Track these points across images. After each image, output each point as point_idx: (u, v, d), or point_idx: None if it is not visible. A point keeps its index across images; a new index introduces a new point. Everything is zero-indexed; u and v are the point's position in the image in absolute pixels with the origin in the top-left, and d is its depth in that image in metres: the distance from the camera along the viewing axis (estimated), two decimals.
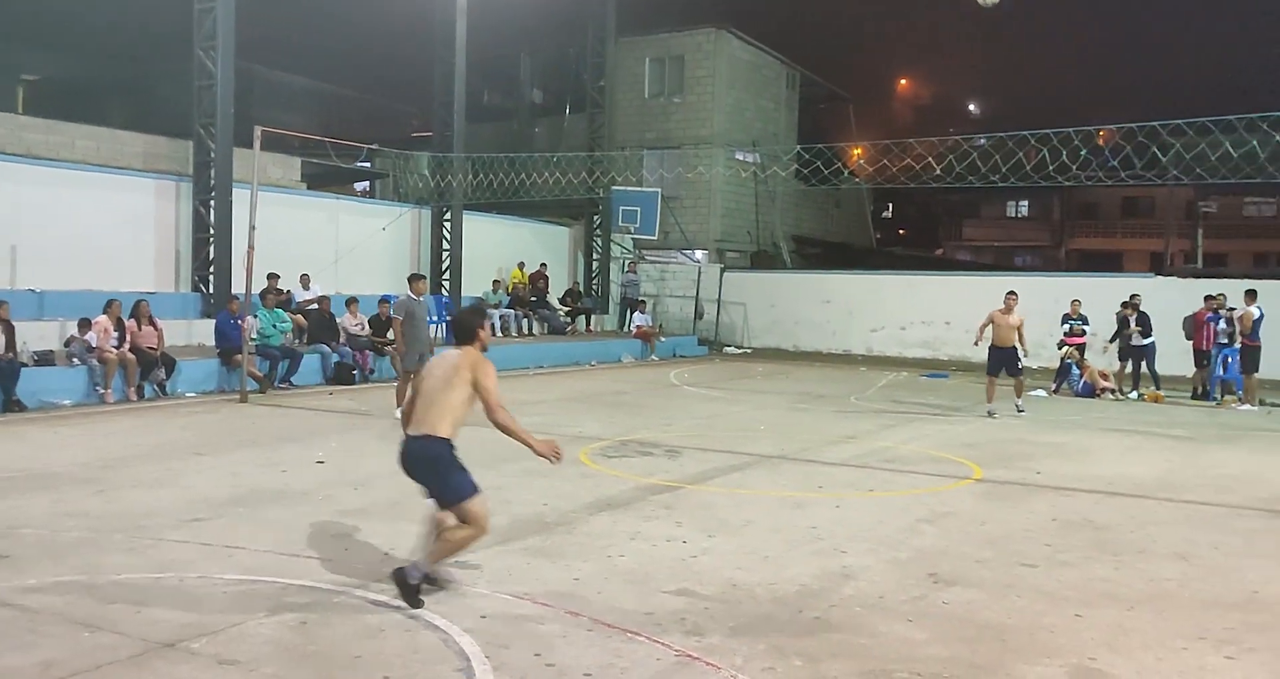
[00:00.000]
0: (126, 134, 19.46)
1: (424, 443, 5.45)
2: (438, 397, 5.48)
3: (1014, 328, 14.33)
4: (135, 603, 5.27)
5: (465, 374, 5.47)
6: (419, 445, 5.47)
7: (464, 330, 5.77)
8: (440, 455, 5.45)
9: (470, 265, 22.55)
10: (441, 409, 5.46)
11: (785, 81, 33.45)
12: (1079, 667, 4.75)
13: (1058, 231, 58.06)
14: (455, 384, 5.46)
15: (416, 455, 5.48)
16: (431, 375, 5.61)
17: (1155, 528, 7.67)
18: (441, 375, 5.53)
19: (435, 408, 5.47)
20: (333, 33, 28.08)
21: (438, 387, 5.50)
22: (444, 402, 5.46)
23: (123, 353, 13.40)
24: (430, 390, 5.54)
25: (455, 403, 5.47)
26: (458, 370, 5.48)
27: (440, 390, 5.49)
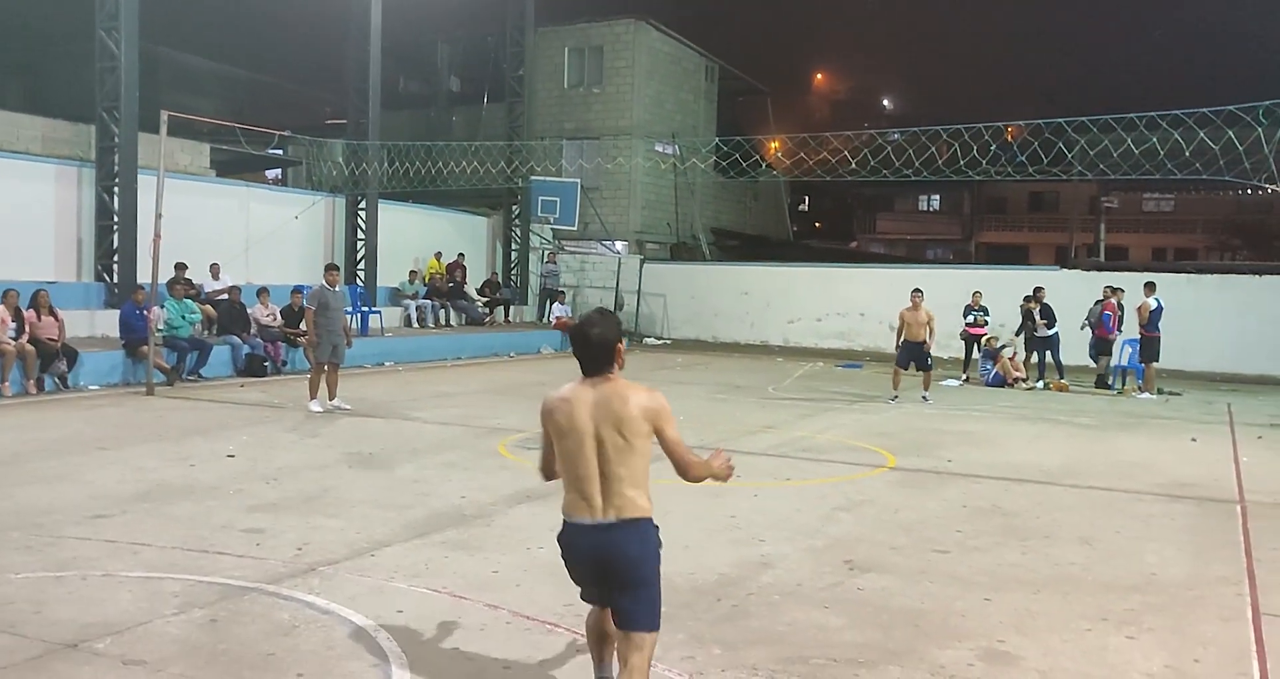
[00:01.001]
0: (23, 117, 18.72)
1: (633, 533, 3.77)
2: (630, 458, 3.76)
3: (923, 324, 14.86)
4: (34, 603, 5.08)
5: (641, 425, 3.76)
6: (627, 540, 3.76)
7: (602, 351, 3.83)
8: (654, 552, 3.86)
9: (386, 255, 22.23)
10: (636, 476, 3.78)
11: (704, 74, 33.59)
12: (989, 649, 4.88)
13: (968, 225, 59.45)
14: (636, 443, 3.76)
15: (630, 557, 3.76)
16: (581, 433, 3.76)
17: (1060, 514, 7.91)
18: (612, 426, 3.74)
19: (631, 478, 3.77)
20: (243, 15, 27.39)
21: (623, 445, 3.75)
22: (635, 467, 3.78)
23: (21, 344, 12.88)
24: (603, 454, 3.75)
25: (645, 464, 3.82)
26: (629, 422, 3.74)
27: (627, 452, 3.75)
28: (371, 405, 12.85)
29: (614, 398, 3.75)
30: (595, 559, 3.79)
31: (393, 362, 18.59)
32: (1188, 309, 19.76)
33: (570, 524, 3.83)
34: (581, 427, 3.76)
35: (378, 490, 8.03)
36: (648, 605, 3.82)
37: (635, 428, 3.74)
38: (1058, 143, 15.89)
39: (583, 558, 3.82)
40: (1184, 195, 52.42)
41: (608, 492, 3.75)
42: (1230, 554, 6.82)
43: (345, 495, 7.82)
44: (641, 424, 3.75)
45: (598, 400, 3.77)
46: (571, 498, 3.82)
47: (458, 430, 11.23)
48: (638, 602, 3.80)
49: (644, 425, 3.76)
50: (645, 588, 3.81)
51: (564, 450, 3.81)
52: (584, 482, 3.76)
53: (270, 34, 29.70)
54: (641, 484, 3.79)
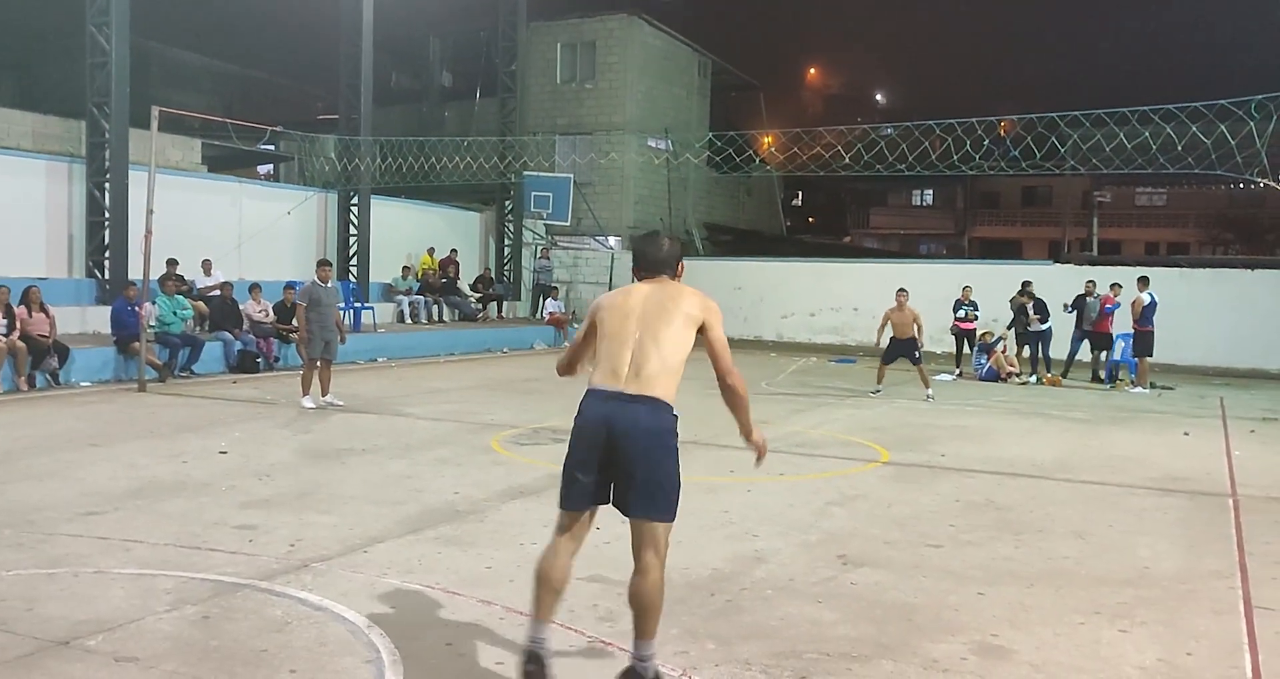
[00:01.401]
0: (13, 112, 18.65)
1: (650, 408, 3.67)
2: (662, 340, 3.69)
3: (910, 323, 14.96)
4: (26, 600, 5.06)
5: (696, 312, 3.77)
6: (643, 411, 3.66)
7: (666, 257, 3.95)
8: (669, 432, 3.76)
9: (379, 251, 22.19)
10: (666, 360, 3.70)
11: (697, 69, 33.55)
12: (982, 644, 4.88)
13: (961, 220, 59.56)
14: (680, 326, 3.72)
15: (641, 427, 3.66)
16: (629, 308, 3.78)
17: (1054, 508, 7.92)
18: (657, 309, 3.75)
19: (659, 358, 3.69)
20: (235, 10, 27.27)
21: (658, 325, 3.70)
22: (670, 350, 3.69)
23: (12, 341, 12.83)
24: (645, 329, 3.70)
25: (681, 354, 3.76)
26: (681, 307, 3.74)
27: (663, 331, 3.69)
28: (364, 401, 12.82)
29: (671, 289, 3.85)
30: (607, 427, 3.66)
31: (386, 357, 18.56)
32: (1180, 303, 19.83)
33: (590, 391, 3.76)
34: (632, 306, 3.80)
35: (370, 486, 8.01)
36: (661, 490, 3.69)
37: (684, 314, 3.74)
38: (1050, 137, 15.92)
39: (595, 424, 3.70)
40: (1176, 190, 52.57)
41: (637, 367, 3.70)
42: (1223, 548, 6.84)
43: (338, 491, 7.80)
44: (692, 311, 3.77)
45: (654, 290, 3.86)
46: (600, 371, 3.78)
47: (451, 426, 11.21)
48: (649, 483, 3.67)
49: (694, 313, 3.77)
50: (658, 467, 3.69)
51: (607, 327, 3.81)
52: (617, 354, 3.73)
53: (262, 29, 29.59)
54: (673, 373, 3.74)
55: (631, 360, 3.70)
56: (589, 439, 3.73)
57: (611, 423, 3.66)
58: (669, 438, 3.74)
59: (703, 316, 3.78)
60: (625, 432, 3.65)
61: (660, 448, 3.72)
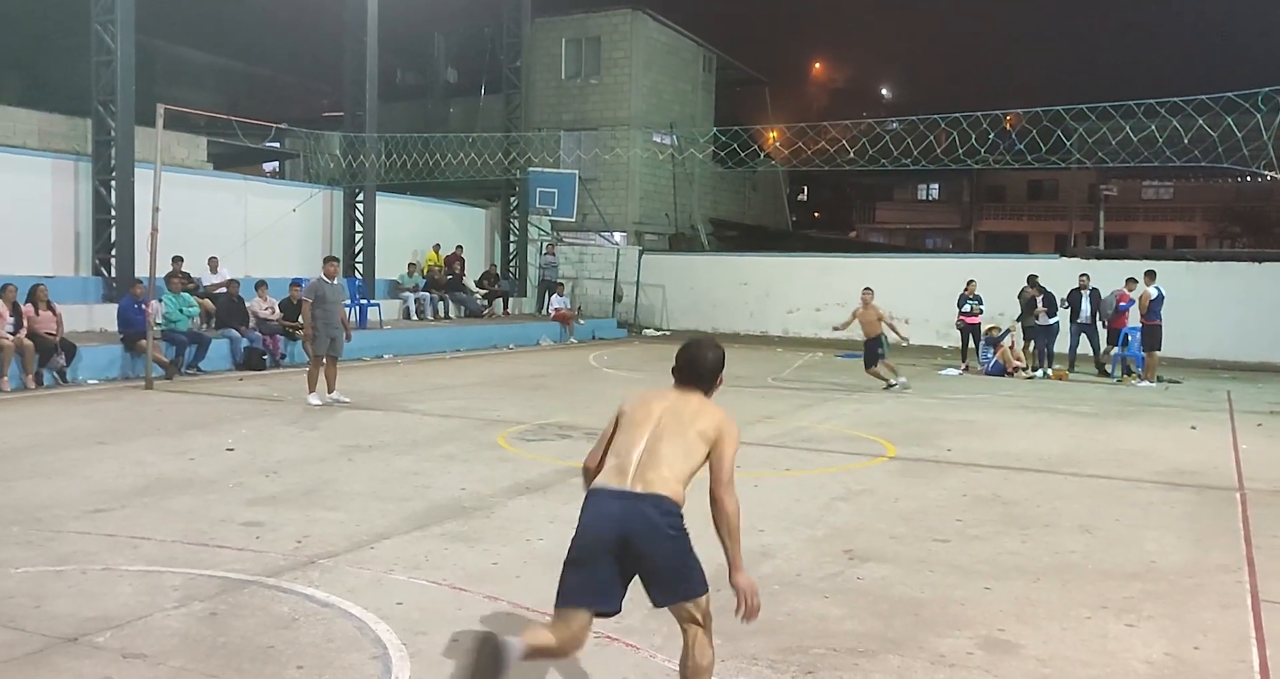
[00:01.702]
0: (19, 111, 18.69)
1: (655, 502, 3.65)
2: (679, 448, 3.74)
3: (876, 320, 15.15)
4: (34, 597, 5.08)
5: (710, 432, 3.78)
6: (649, 506, 3.63)
7: (706, 371, 3.99)
8: (678, 528, 3.72)
9: (384, 247, 22.20)
10: (676, 466, 3.72)
11: (702, 64, 33.51)
12: (989, 638, 4.88)
13: (967, 214, 59.42)
14: (694, 440, 3.76)
15: (651, 521, 3.62)
16: (649, 411, 3.84)
17: (1060, 502, 7.91)
18: (674, 418, 3.80)
19: (672, 465, 3.71)
20: (240, 8, 27.25)
21: (673, 435, 3.76)
22: (682, 459, 3.73)
23: (19, 339, 12.86)
24: (659, 434, 3.76)
25: (689, 467, 3.77)
26: (699, 423, 3.79)
27: (679, 442, 3.75)
28: (370, 398, 12.84)
29: (696, 404, 3.84)
30: (619, 526, 3.62)
31: (391, 354, 18.58)
32: (1187, 297, 19.75)
33: (596, 491, 3.73)
34: (652, 409, 3.82)
35: (377, 483, 8.02)
36: (689, 571, 3.72)
37: (701, 426, 3.74)
38: (1056, 131, 15.87)
39: (605, 524, 3.63)
40: (1183, 183, 52.38)
41: (646, 466, 3.68)
42: (1230, 541, 6.82)
43: (344, 488, 7.81)
44: (708, 427, 3.76)
45: (680, 398, 3.86)
46: (607, 470, 3.76)
47: (457, 422, 11.22)
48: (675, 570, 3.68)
49: (710, 430, 3.75)
50: (677, 553, 3.68)
51: (624, 426, 3.82)
52: (627, 453, 3.72)
53: (266, 26, 29.57)
54: (680, 481, 3.71)
55: (640, 461, 3.70)
56: (598, 538, 3.66)
57: (622, 521, 3.62)
58: (678, 524, 3.71)
59: (715, 436, 3.77)
60: (637, 529, 3.62)
61: (672, 533, 3.68)
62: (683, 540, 3.72)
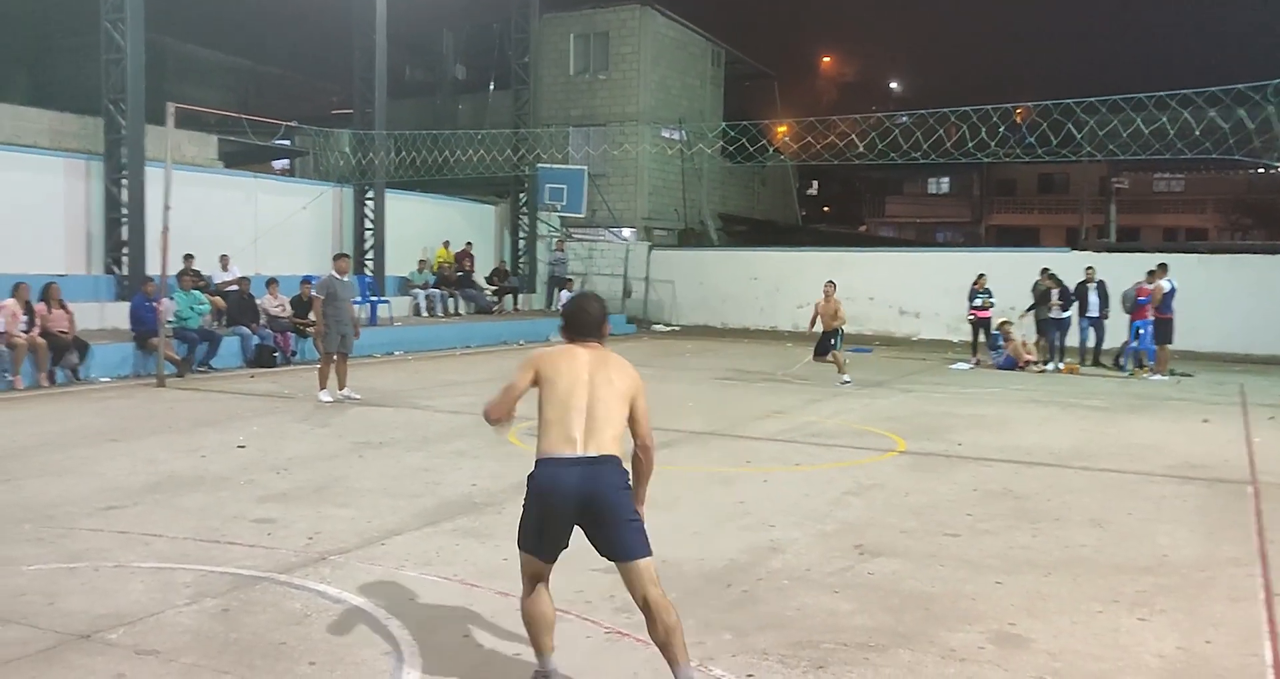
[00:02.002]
0: (31, 110, 18.77)
1: (612, 467, 3.95)
2: (613, 408, 4.03)
3: (834, 314, 15.27)
4: (47, 594, 5.11)
5: (629, 390, 4.10)
6: (605, 471, 3.93)
7: (595, 321, 4.26)
8: (629, 488, 4.02)
9: (394, 244, 22.24)
10: (616, 427, 4.03)
11: (710, 59, 33.45)
12: (1000, 632, 4.87)
13: (977, 208, 59.25)
14: (621, 400, 4.06)
15: (604, 484, 3.91)
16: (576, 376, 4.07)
17: (1071, 496, 7.88)
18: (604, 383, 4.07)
19: (612, 424, 4.01)
20: (249, 6, 27.32)
21: (606, 395, 4.04)
22: (617, 418, 4.04)
23: (32, 337, 12.94)
24: (594, 397, 4.03)
25: (623, 425, 4.07)
26: (619, 383, 4.09)
27: (613, 402, 4.04)
28: (381, 395, 12.87)
29: (609, 359, 4.15)
30: (580, 492, 3.88)
31: (402, 351, 18.62)
32: (1199, 290, 19.67)
33: (550, 460, 3.96)
34: (579, 373, 4.07)
35: (388, 479, 8.05)
36: (639, 532, 3.98)
37: (622, 386, 4.08)
38: (1067, 124, 15.79)
39: (567, 492, 3.89)
40: (1195, 175, 52.15)
41: (592, 430, 3.96)
42: (1242, 535, 6.79)
43: (355, 484, 7.84)
44: (627, 386, 4.10)
45: (594, 358, 4.14)
46: (553, 437, 3.99)
47: (467, 419, 11.23)
48: (630, 529, 3.94)
49: (628, 389, 4.10)
50: (630, 516, 3.96)
51: (555, 393, 4.06)
52: (571, 422, 3.98)
53: (275, 24, 29.64)
54: (620, 438, 4.02)
55: (586, 427, 3.96)
56: (561, 505, 3.92)
57: (583, 486, 3.89)
58: (627, 480, 4.03)
59: (633, 392, 4.12)
60: (596, 492, 3.89)
61: (629, 501, 3.99)
62: (630, 495, 4.02)
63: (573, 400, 4.01)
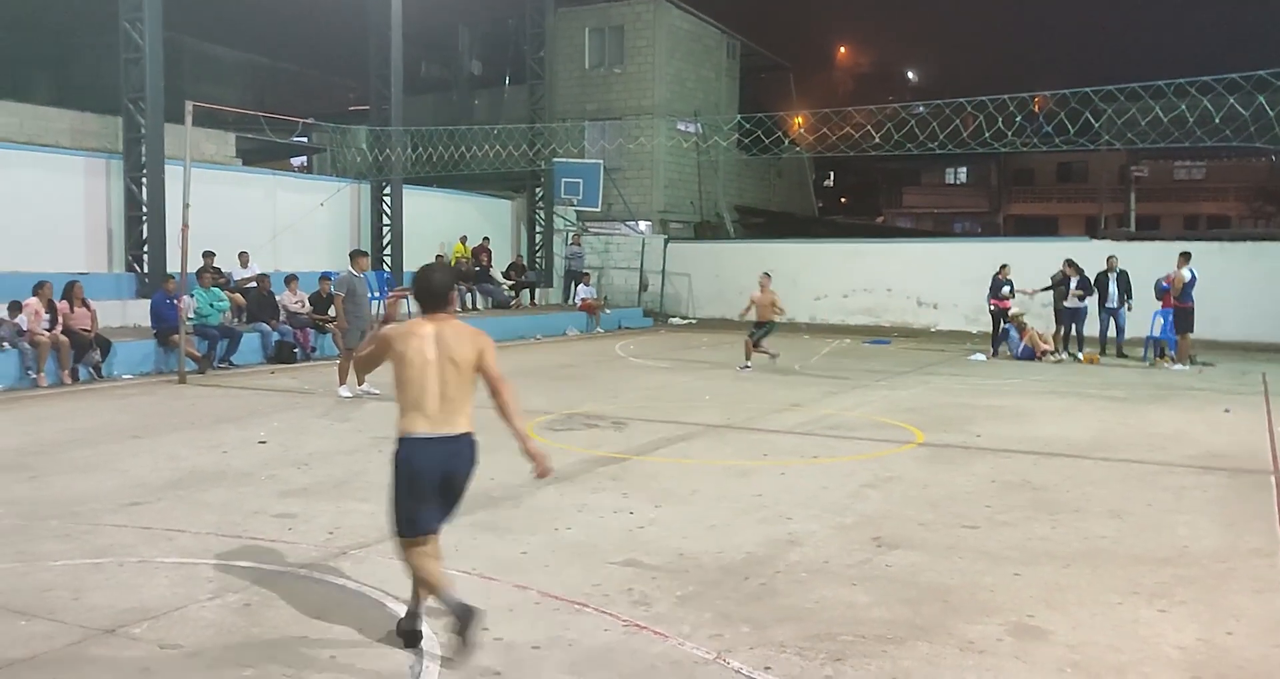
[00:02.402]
0: (51, 110, 18.90)
1: (469, 444, 4.46)
2: (461, 383, 4.44)
3: (769, 305, 15.81)
4: (73, 589, 5.17)
5: (473, 355, 4.46)
6: (465, 449, 4.45)
7: (440, 290, 4.57)
8: (477, 462, 4.55)
9: (412, 240, 22.29)
10: (466, 400, 4.48)
11: (725, 51, 33.37)
12: (1018, 624, 4.87)
13: (995, 198, 58.89)
14: (468, 370, 4.45)
15: (461, 462, 4.44)
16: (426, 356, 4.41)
17: (1091, 487, 7.86)
18: (450, 358, 4.43)
19: (464, 401, 4.46)
20: (265, 3, 27.42)
21: (454, 371, 4.42)
22: (467, 391, 4.48)
23: (55, 335, 13.06)
24: (445, 376, 4.41)
25: (472, 391, 4.49)
26: (464, 351, 4.44)
27: (462, 378, 4.45)
28: None
29: (452, 332, 4.47)
30: (442, 468, 4.38)
31: None
32: (1221, 278, 19.50)
33: (412, 439, 4.38)
34: (427, 356, 4.41)
35: None
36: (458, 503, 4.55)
37: (466, 354, 4.44)
38: (1085, 112, 15.67)
39: (431, 468, 4.35)
40: (1215, 163, 51.66)
41: (447, 411, 4.40)
42: (1263, 526, 6.76)
43: (375, 479, 7.87)
44: (471, 352, 4.46)
45: (439, 334, 4.46)
46: (412, 417, 4.40)
47: (485, 413, 11.26)
48: (457, 503, 4.55)
49: (472, 353, 4.46)
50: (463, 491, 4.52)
51: (408, 377, 4.41)
52: (426, 403, 4.39)
53: (292, 22, 29.73)
54: (469, 406, 4.50)
55: (441, 407, 4.39)
56: (426, 481, 4.36)
57: (445, 463, 4.39)
58: (477, 454, 4.54)
59: (477, 354, 4.48)
60: (457, 470, 4.44)
61: (476, 463, 4.53)
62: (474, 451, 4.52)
63: (426, 382, 4.39)
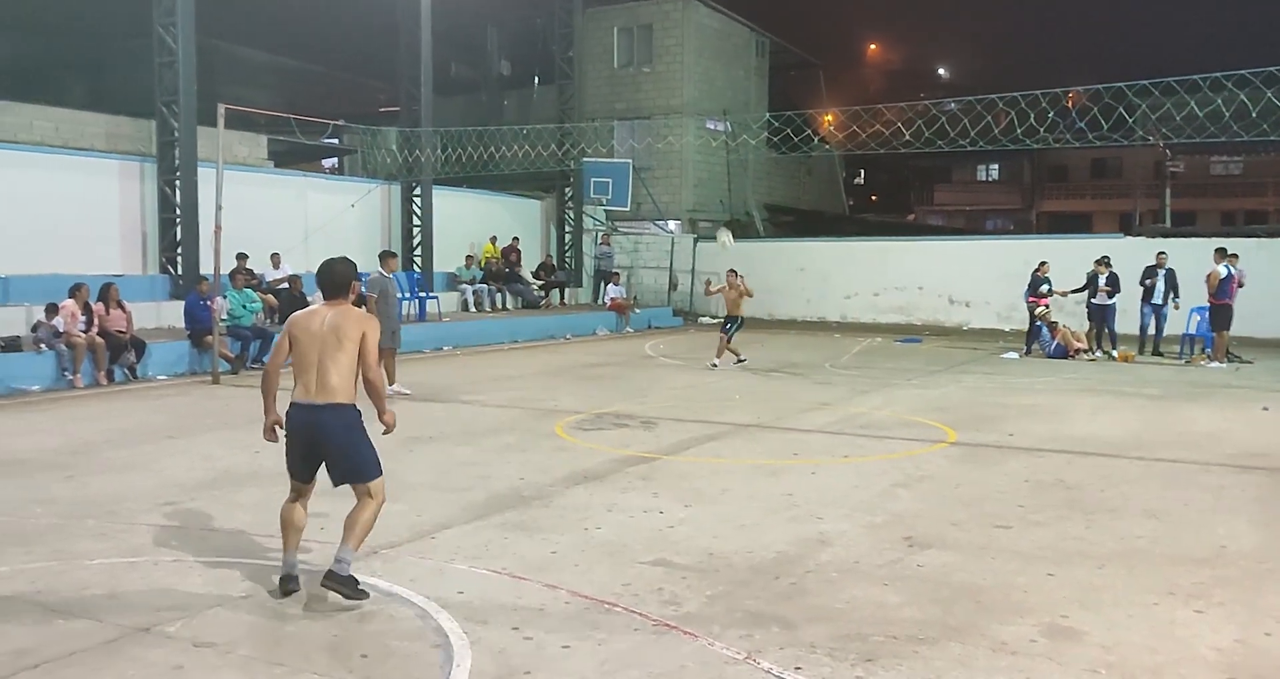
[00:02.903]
0: (87, 114, 19.15)
1: (335, 412, 5.06)
2: (338, 359, 5.06)
3: (738, 298, 15.98)
4: (109, 588, 5.24)
5: (355, 335, 5.10)
6: (328, 416, 5.04)
7: (340, 281, 5.28)
8: (356, 425, 5.13)
9: (442, 240, 22.42)
10: (343, 373, 5.08)
11: (754, 49, 33.28)
12: (1052, 625, 4.81)
13: (1028, 194, 58.34)
14: (348, 346, 5.07)
15: (331, 426, 5.05)
16: (312, 334, 5.10)
17: (1126, 486, 7.76)
18: (331, 335, 5.08)
19: (336, 372, 5.05)
20: (295, 6, 27.63)
21: (332, 348, 5.06)
22: (345, 365, 5.08)
23: (91, 337, 13.23)
24: (324, 353, 5.06)
25: (351, 366, 5.12)
26: (346, 330, 5.09)
27: (335, 352, 5.06)
28: (430, 390, 13.00)
29: (341, 315, 5.17)
30: (306, 432, 5.08)
31: (451, 346, 18.77)
32: (1259, 274, 19.15)
33: (293, 405, 5.11)
34: (315, 333, 5.12)
35: (437, 473, 8.13)
36: (363, 461, 5.15)
37: (350, 334, 5.09)
38: (1119, 108, 15.48)
39: (298, 430, 5.09)
40: (1253, 157, 50.88)
41: (321, 382, 5.06)
42: None
43: (405, 478, 7.92)
44: (354, 333, 5.10)
45: (331, 316, 5.16)
46: (298, 387, 5.12)
47: (515, 413, 11.32)
48: (353, 459, 5.13)
49: (355, 334, 5.10)
50: (354, 448, 5.12)
51: (298, 351, 5.14)
52: (306, 373, 5.09)
53: (322, 24, 29.92)
54: (349, 379, 5.11)
55: (317, 379, 5.07)
56: (299, 439, 5.12)
57: (312, 428, 5.07)
58: (355, 425, 5.14)
59: (359, 335, 5.12)
60: (322, 433, 5.07)
61: (350, 435, 5.12)
62: (354, 432, 5.13)
63: (309, 357, 5.10)
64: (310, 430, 5.05)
